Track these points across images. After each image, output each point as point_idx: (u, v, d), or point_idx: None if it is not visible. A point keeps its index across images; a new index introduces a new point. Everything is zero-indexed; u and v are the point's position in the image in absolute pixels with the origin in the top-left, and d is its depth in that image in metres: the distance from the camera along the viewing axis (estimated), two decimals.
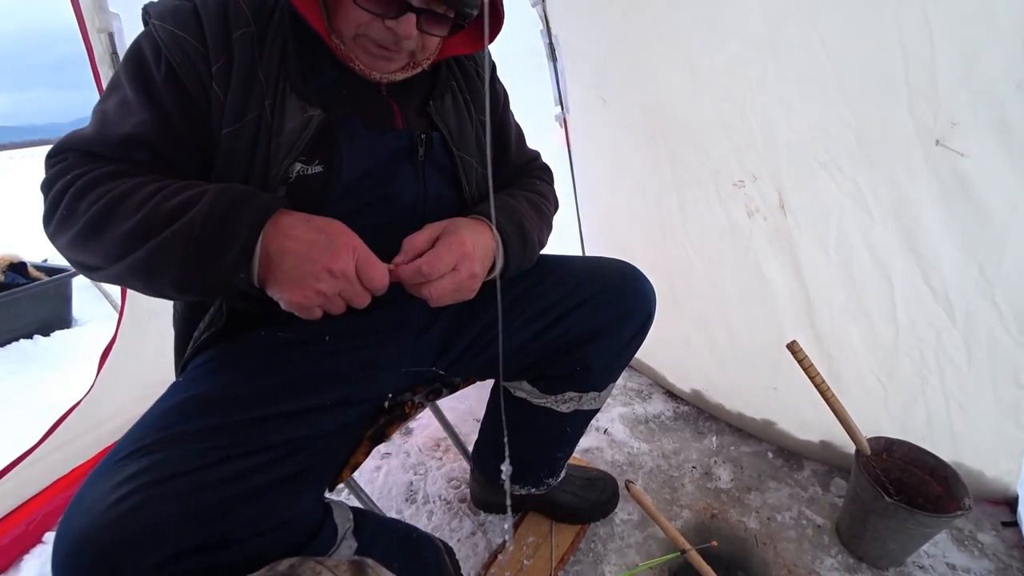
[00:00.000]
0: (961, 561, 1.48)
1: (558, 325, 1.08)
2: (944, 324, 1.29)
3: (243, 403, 0.80)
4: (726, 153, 1.39)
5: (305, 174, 0.85)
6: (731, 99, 1.31)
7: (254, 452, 0.75)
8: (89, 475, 0.70)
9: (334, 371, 0.92)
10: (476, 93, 1.04)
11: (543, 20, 1.63)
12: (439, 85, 1.00)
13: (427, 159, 0.97)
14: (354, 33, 0.83)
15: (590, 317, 1.08)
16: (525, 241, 0.99)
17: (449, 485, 1.63)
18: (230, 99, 0.81)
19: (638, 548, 1.43)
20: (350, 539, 0.87)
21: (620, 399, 2.01)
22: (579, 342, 1.09)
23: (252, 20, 0.83)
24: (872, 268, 1.30)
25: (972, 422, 1.43)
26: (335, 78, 0.89)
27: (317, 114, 0.84)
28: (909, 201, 1.17)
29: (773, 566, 1.42)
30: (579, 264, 1.15)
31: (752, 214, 1.41)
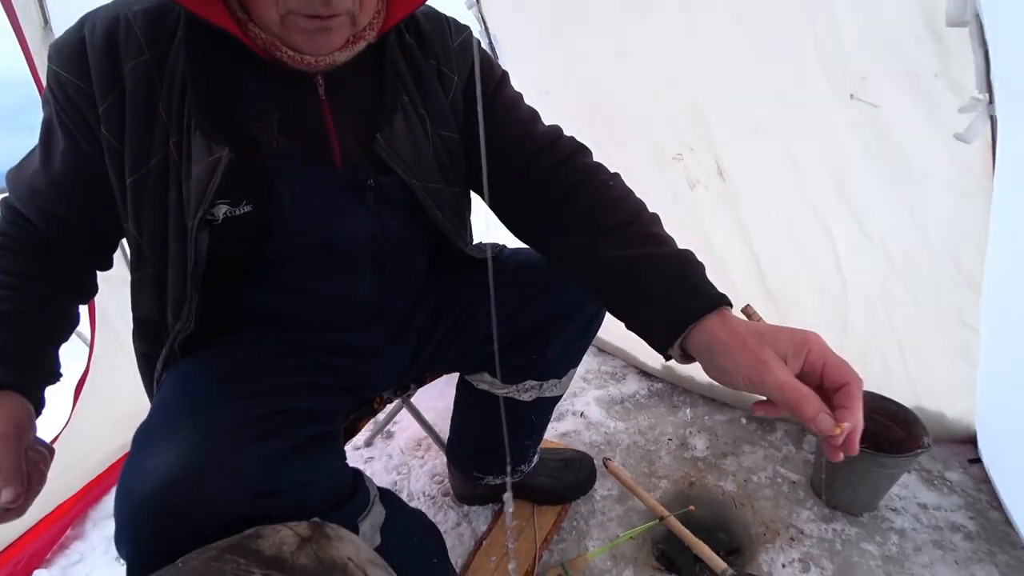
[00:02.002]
0: (931, 500, 1.53)
1: (514, 316, 1.11)
2: (886, 271, 1.34)
3: (254, 376, 0.80)
4: (662, 129, 1.44)
5: (233, 215, 0.76)
6: (661, 79, 1.37)
7: (285, 412, 0.76)
8: (133, 446, 0.70)
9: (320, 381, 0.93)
10: (433, 101, 0.89)
11: (480, 21, 1.67)
12: (386, 102, 0.84)
13: (380, 199, 0.87)
14: (278, 15, 0.68)
15: (544, 307, 1.11)
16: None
17: (432, 481, 1.66)
18: (129, 143, 0.73)
19: (619, 521, 1.46)
20: (379, 505, 0.88)
21: (595, 382, 2.05)
22: (534, 332, 1.12)
23: (147, 46, 0.72)
24: (813, 225, 1.35)
25: (926, 365, 1.48)
26: (257, 91, 0.77)
27: (224, 155, 0.72)
28: (836, 156, 1.22)
29: (752, 524, 1.46)
30: (533, 255, 1.16)
31: (694, 185, 1.46)
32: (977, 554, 1.38)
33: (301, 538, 0.57)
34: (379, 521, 0.86)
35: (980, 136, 1.04)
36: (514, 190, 0.92)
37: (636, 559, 1.36)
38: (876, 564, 1.35)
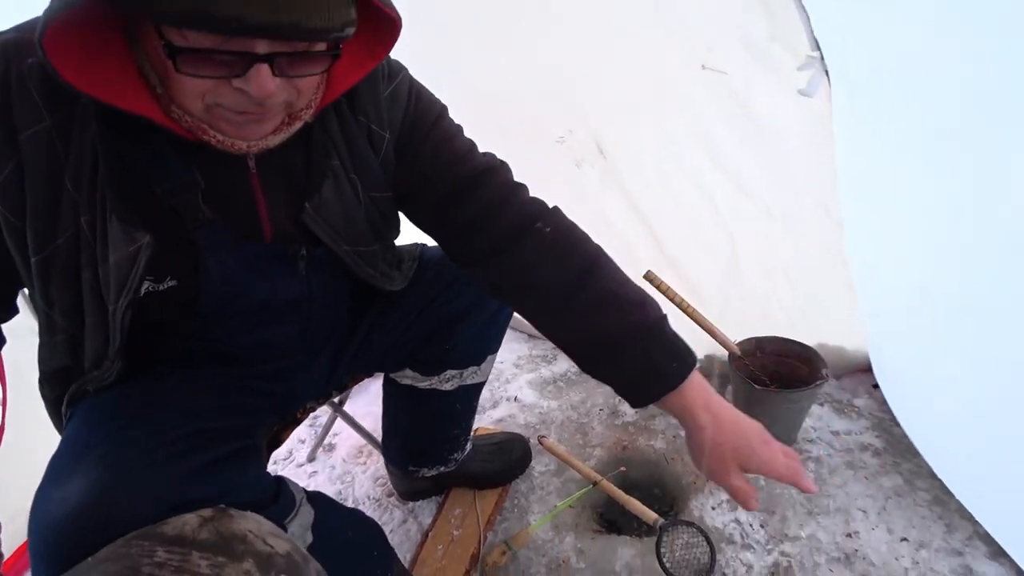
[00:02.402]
0: (842, 426, 1.66)
1: (425, 311, 1.15)
2: (767, 223, 1.45)
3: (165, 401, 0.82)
4: (542, 113, 1.50)
5: (156, 291, 0.74)
6: (536, 66, 1.43)
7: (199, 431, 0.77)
8: (43, 478, 0.71)
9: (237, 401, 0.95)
10: (363, 163, 0.86)
11: None
12: (315, 169, 0.81)
13: (311, 267, 0.88)
14: (203, 105, 0.63)
15: (453, 299, 1.15)
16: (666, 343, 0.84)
17: (376, 484, 1.68)
18: (31, 220, 0.67)
19: (558, 493, 1.52)
20: (307, 506, 0.90)
21: (527, 367, 2.11)
22: (447, 323, 1.17)
23: (46, 111, 0.64)
24: (694, 190, 1.45)
25: (819, 304, 1.60)
26: (178, 163, 0.72)
27: (146, 243, 0.69)
28: (701, 123, 1.32)
29: (683, 476, 1.55)
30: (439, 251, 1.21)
31: (580, 164, 1.53)
32: (884, 467, 1.51)
33: (203, 519, 0.60)
34: (308, 520, 0.89)
35: (820, 89, 1.14)
36: (451, 239, 0.96)
37: (577, 525, 1.43)
38: (797, 492, 1.45)
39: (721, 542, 1.33)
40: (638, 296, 0.86)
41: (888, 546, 1.30)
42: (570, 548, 1.36)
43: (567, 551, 1.35)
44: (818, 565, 1.27)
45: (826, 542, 1.32)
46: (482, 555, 1.38)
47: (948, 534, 1.31)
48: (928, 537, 1.31)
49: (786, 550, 1.31)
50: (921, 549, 1.29)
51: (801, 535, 1.34)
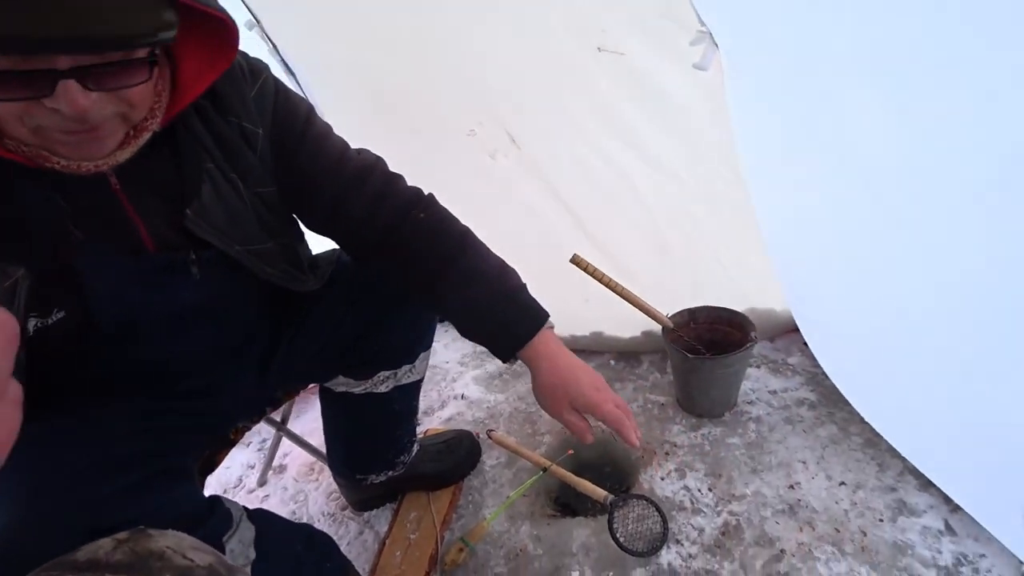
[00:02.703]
0: (779, 385, 1.72)
1: (349, 313, 1.14)
2: (682, 194, 1.48)
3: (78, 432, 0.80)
4: (451, 109, 1.50)
5: (45, 326, 0.71)
6: (440, 62, 1.42)
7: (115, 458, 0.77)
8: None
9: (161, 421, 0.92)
10: (241, 161, 0.86)
11: (267, 40, 1.65)
12: (189, 175, 0.80)
13: (205, 271, 0.86)
14: (27, 129, 0.62)
15: (375, 298, 1.14)
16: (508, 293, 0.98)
17: (329, 500, 1.66)
18: None
19: (511, 484, 1.53)
20: (247, 522, 0.89)
21: (472, 364, 2.11)
22: (370, 324, 1.15)
23: None
24: (609, 170, 1.47)
25: (744, 268, 1.65)
26: (37, 192, 0.69)
27: (20, 276, 0.65)
28: (606, 105, 1.34)
29: (632, 451, 1.57)
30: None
31: (493, 155, 1.53)
32: (820, 419, 1.57)
33: (118, 541, 0.58)
34: (249, 536, 0.88)
35: (713, 62, 1.17)
36: (343, 236, 1.03)
37: (532, 513, 1.44)
38: (740, 452, 1.50)
39: (672, 510, 1.36)
40: (499, 269, 1.01)
41: (828, 492, 1.36)
42: (526, 536, 1.37)
43: (523, 540, 1.36)
44: (765, 519, 1.31)
45: (771, 496, 1.37)
46: (440, 555, 1.37)
47: (881, 473, 1.38)
48: (863, 478, 1.37)
49: (734, 509, 1.35)
50: (858, 490, 1.35)
51: (747, 493, 1.38)
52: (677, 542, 1.29)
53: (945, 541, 1.20)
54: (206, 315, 0.92)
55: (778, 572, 1.20)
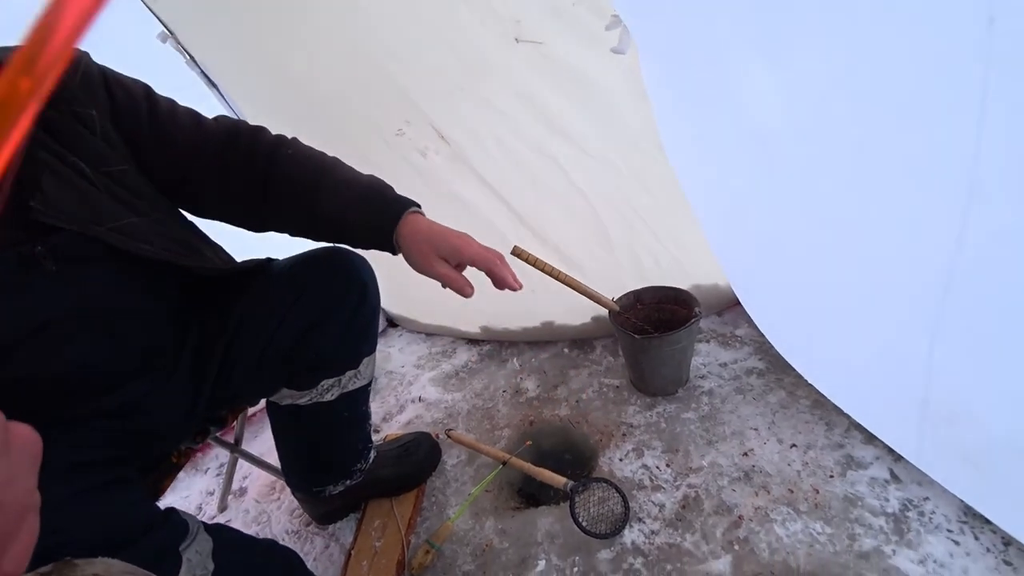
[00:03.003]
0: (729, 357, 1.75)
1: (285, 322, 1.11)
2: (616, 178, 1.50)
3: None
4: (377, 110, 1.49)
5: None
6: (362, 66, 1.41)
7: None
8: None
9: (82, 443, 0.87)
10: (81, 145, 0.85)
11: (183, 53, 1.61)
12: (25, 170, 0.78)
13: (66, 261, 0.82)
14: None
15: (309, 304, 1.12)
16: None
17: (292, 517, 1.63)
18: None
19: (473, 481, 1.53)
20: (204, 534, 0.86)
21: (428, 365, 2.11)
22: (306, 332, 1.13)
23: None
24: (542, 161, 1.48)
25: (683, 247, 1.68)
26: None
27: None
28: (532, 95, 1.34)
29: (590, 436, 1.59)
30: (290, 261, 1.18)
31: (424, 153, 1.53)
32: (768, 386, 1.61)
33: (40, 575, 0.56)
34: (207, 548, 0.86)
35: (631, 45, 1.19)
36: (225, 197, 1.02)
37: (496, 508, 1.44)
38: (695, 427, 1.53)
39: (633, 489, 1.38)
40: (368, 176, 1.05)
41: (780, 455, 1.39)
42: (492, 531, 1.37)
43: (489, 534, 1.36)
44: (722, 488, 1.34)
45: (726, 465, 1.40)
46: (407, 560, 1.36)
47: (829, 431, 1.42)
48: (813, 438, 1.41)
49: (692, 482, 1.37)
50: (809, 450, 1.39)
51: (703, 465, 1.41)
52: (639, 520, 1.31)
53: (891, 489, 1.25)
54: (87, 322, 0.86)
55: (738, 538, 1.22)
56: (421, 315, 2.25)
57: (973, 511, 1.15)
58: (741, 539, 1.22)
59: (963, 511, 1.17)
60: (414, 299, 2.22)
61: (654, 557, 1.22)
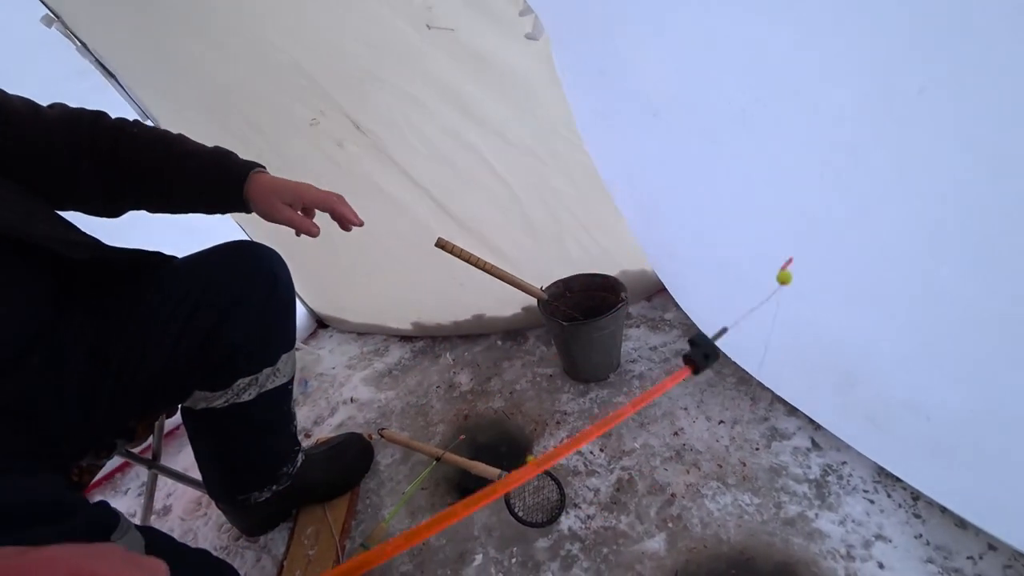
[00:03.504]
0: (658, 340, 1.78)
1: (191, 320, 1.05)
2: (539, 167, 1.49)
3: None
4: (289, 101, 1.43)
5: None
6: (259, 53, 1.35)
7: None
8: None
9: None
10: None
11: (73, 39, 1.49)
12: None
13: None
14: None
15: (214, 302, 1.07)
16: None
17: (221, 532, 1.56)
18: None
19: (408, 479, 1.50)
20: (135, 531, 0.79)
21: (359, 365, 2.06)
22: (214, 329, 1.07)
23: None
24: (461, 149, 1.45)
25: (609, 234, 1.69)
26: None
27: None
28: (448, 83, 1.32)
29: (524, 426, 1.59)
30: (196, 257, 1.12)
31: (341, 144, 1.48)
32: None
33: None
34: (139, 545, 0.79)
35: (544, 32, 1.19)
36: (61, 179, 1.00)
37: (432, 505, 1.41)
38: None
39: (568, 476, 1.38)
40: (210, 148, 1.08)
41: (709, 432, 1.43)
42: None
43: None
44: (655, 468, 1.36)
45: (658, 446, 1.42)
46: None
47: (754, 406, 1.47)
48: (739, 414, 1.46)
49: (626, 464, 1.39)
50: (735, 425, 1.43)
51: (636, 447, 1.43)
52: (575, 506, 1.31)
53: (813, 456, 1.30)
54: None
55: (671, 515, 1.24)
56: (351, 314, 2.20)
57: (885, 471, 1.21)
58: (674, 516, 1.24)
59: (876, 472, 1.23)
60: (343, 298, 2.16)
61: (591, 541, 1.23)
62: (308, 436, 1.77)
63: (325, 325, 2.40)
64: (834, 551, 1.10)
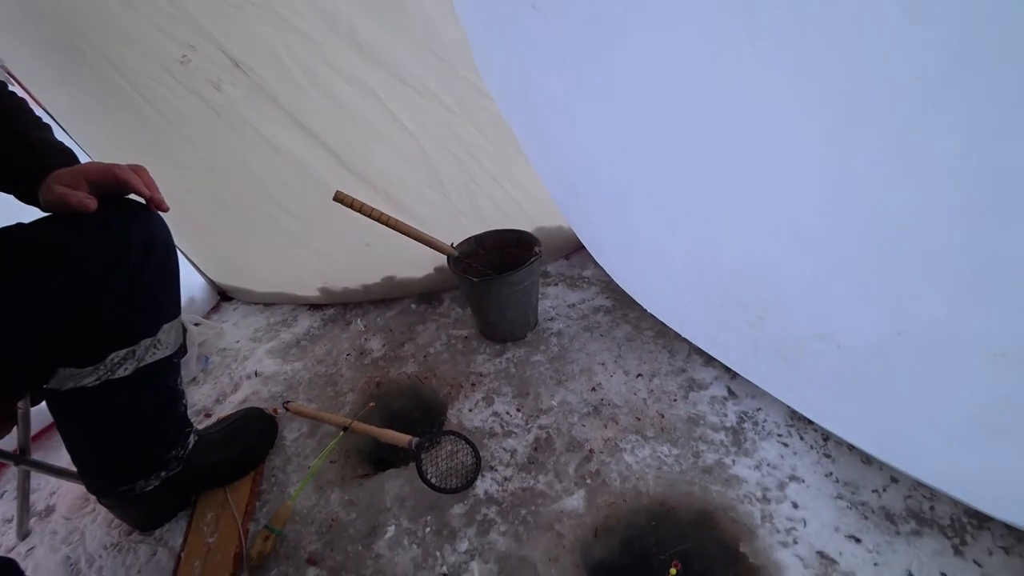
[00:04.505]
0: (576, 298, 1.75)
1: (50, 288, 0.91)
2: (445, 114, 1.40)
3: None
4: (150, 32, 1.23)
5: None
6: None
7: None
8: None
9: None
10: None
11: None
12: None
13: None
14: None
15: (78, 265, 0.93)
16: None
17: (111, 528, 1.41)
18: None
19: (316, 454, 1.41)
20: None
21: (265, 337, 1.93)
22: (81, 296, 0.94)
23: None
24: (353, 90, 1.32)
25: (521, 190, 1.63)
26: None
27: None
28: (338, 14, 1.18)
29: (439, 390, 1.52)
30: (44, 224, 0.96)
31: (219, 86, 1.32)
32: (615, 321, 1.62)
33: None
34: None
35: None
36: None
37: (342, 479, 1.33)
38: (545, 368, 1.51)
39: (484, 439, 1.33)
40: (44, 141, 1.02)
41: (627, 386, 1.40)
42: (337, 504, 1.26)
43: (335, 508, 1.26)
44: (572, 425, 1.32)
45: (576, 402, 1.38)
46: (245, 551, 1.22)
47: (671, 358, 1.45)
48: (657, 366, 1.44)
49: (543, 423, 1.35)
50: (654, 378, 1.41)
51: (553, 405, 1.39)
52: (491, 468, 1.26)
53: (729, 405, 1.30)
54: None
55: (590, 471, 1.21)
56: (255, 283, 2.04)
57: (798, 415, 1.23)
58: (593, 472, 1.21)
59: (790, 416, 1.24)
60: (244, 267, 2.00)
61: (508, 504, 1.18)
62: (209, 416, 1.64)
63: (229, 298, 2.24)
64: (751, 495, 1.10)
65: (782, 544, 1.01)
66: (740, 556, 1.02)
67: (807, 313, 0.87)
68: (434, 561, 1.11)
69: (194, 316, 1.94)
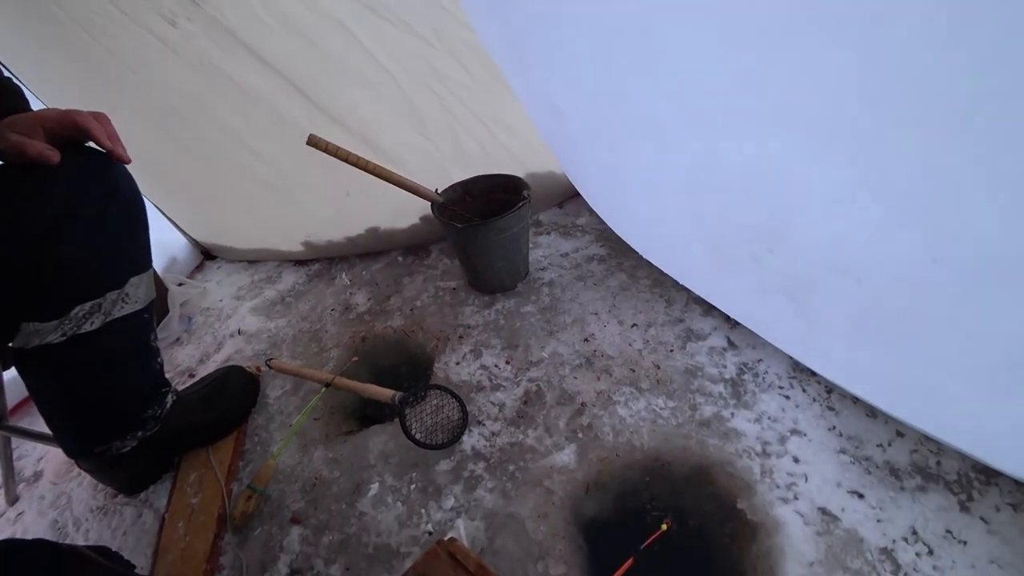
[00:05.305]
0: (570, 247, 1.68)
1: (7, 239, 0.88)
2: (424, 49, 1.30)
3: None
4: None
5: None
6: None
7: None
8: None
9: None
10: None
11: None
12: None
13: None
14: None
15: (36, 215, 0.89)
16: None
17: (97, 492, 1.39)
18: None
19: (299, 410, 1.36)
20: None
21: (249, 295, 1.87)
22: (39, 247, 0.90)
23: None
24: (327, 24, 1.22)
25: (509, 132, 1.53)
26: None
27: None
28: None
29: (426, 343, 1.47)
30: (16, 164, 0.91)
31: (174, 21, 1.21)
32: (609, 270, 1.55)
33: None
34: None
35: None
36: None
37: (327, 435, 1.29)
38: (536, 319, 1.45)
39: (471, 392, 1.28)
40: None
41: (621, 336, 1.34)
42: (321, 462, 1.23)
43: (318, 466, 1.22)
44: (564, 377, 1.27)
45: (567, 354, 1.33)
46: (228, 511, 1.19)
47: (668, 307, 1.39)
48: (653, 316, 1.38)
49: (533, 375, 1.30)
50: (649, 328, 1.35)
51: (544, 356, 1.33)
52: (479, 423, 1.22)
53: (728, 356, 1.24)
54: None
55: (581, 425, 1.17)
56: (237, 240, 1.97)
57: (800, 366, 1.17)
58: (585, 426, 1.17)
59: (792, 367, 1.18)
60: (227, 224, 1.93)
61: (496, 459, 1.14)
62: (192, 376, 1.59)
63: (213, 256, 2.17)
64: (750, 449, 1.05)
65: (782, 500, 0.97)
66: (737, 512, 0.98)
67: (825, 240, 0.76)
68: (419, 519, 1.07)
69: (177, 276, 1.88)
